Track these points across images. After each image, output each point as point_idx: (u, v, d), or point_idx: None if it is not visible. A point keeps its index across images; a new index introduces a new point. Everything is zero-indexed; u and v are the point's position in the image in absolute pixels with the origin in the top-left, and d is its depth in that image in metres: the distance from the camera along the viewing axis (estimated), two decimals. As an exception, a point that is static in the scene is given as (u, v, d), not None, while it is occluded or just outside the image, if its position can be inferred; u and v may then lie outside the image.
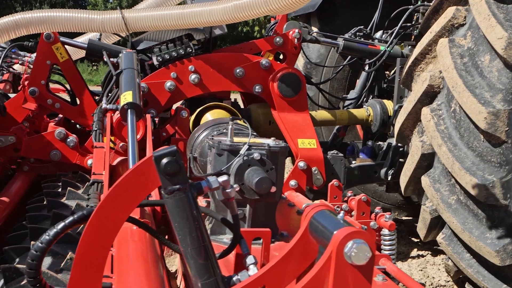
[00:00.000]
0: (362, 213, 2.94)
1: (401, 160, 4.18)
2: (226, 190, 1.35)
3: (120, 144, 3.25)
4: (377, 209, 3.01)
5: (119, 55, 3.41)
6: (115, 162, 3.31)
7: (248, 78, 3.60)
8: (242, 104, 4.35)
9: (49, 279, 1.97)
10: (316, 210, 1.23)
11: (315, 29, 4.67)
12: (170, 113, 3.94)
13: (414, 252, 5.02)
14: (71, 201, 2.91)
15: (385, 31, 4.90)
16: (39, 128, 4.07)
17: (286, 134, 3.53)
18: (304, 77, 3.68)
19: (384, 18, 4.90)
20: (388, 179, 4.21)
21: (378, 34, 4.93)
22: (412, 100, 3.45)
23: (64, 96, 4.00)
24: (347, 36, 4.65)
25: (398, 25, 4.51)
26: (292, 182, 3.37)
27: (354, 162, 4.36)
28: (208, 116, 3.63)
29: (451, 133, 3.21)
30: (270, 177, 2.18)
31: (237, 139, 2.33)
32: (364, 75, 4.96)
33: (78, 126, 4.26)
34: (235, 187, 2.12)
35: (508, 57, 2.97)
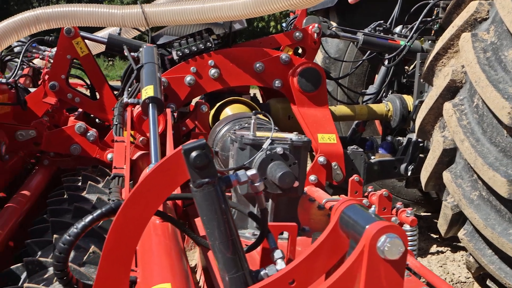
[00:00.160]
0: (384, 209, 2.92)
1: (421, 155, 4.14)
2: (255, 183, 1.34)
3: (140, 138, 3.25)
4: (398, 205, 2.99)
5: (139, 49, 3.41)
6: (135, 157, 3.32)
7: (268, 72, 3.59)
8: (261, 99, 4.34)
9: (72, 272, 1.98)
10: (346, 205, 1.21)
11: (334, 24, 4.64)
12: (189, 108, 3.95)
13: (434, 248, 4.99)
14: (91, 195, 2.92)
15: (405, 25, 4.86)
16: (59, 123, 4.10)
17: (305, 129, 3.51)
18: (324, 72, 3.66)
19: (404, 13, 4.86)
20: (408, 174, 4.18)
21: (398, 29, 4.89)
22: (433, 95, 3.42)
23: (82, 91, 4.02)
24: (366, 30, 4.62)
25: (418, 20, 4.47)
26: (312, 177, 3.36)
27: (373, 157, 4.33)
28: (228, 111, 3.63)
29: (474, 128, 3.17)
30: (292, 171, 2.17)
31: (260, 133, 2.32)
32: (384, 70, 4.93)
33: (97, 120, 4.27)
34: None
35: (532, 52, 2.93)
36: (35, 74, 5.09)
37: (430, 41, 4.55)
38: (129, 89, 3.28)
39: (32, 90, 3.97)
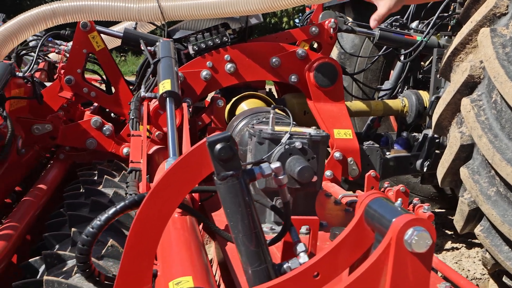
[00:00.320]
0: (400, 204, 2.90)
1: (437, 151, 4.13)
2: (279, 176, 1.33)
3: (156, 132, 3.25)
4: (415, 200, 2.96)
5: (155, 43, 3.41)
6: (150, 151, 3.32)
7: (284, 67, 3.57)
8: (276, 94, 4.33)
9: (92, 265, 1.98)
10: (371, 198, 1.21)
11: (349, 19, 4.62)
12: (204, 103, 3.94)
13: (449, 244, 4.97)
14: (108, 189, 2.92)
15: (421, 21, 4.84)
16: (74, 117, 4.11)
17: (321, 124, 3.50)
18: (341, 67, 3.64)
19: (421, 8, 4.83)
20: (424, 170, 4.16)
21: (414, 24, 4.87)
22: (451, 91, 3.40)
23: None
24: (382, 26, 4.59)
25: (435, 15, 4.45)
26: (328, 173, 3.35)
27: (388, 153, 4.31)
28: (244, 105, 3.62)
29: (492, 124, 3.15)
30: (311, 166, 2.16)
31: (278, 128, 2.31)
32: (400, 65, 4.91)
33: (112, 115, 4.28)
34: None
35: (552, 47, 2.91)
36: (50, 68, 5.10)
37: (446, 37, 4.53)
38: (146, 83, 3.28)
39: (47, 84, 3.98)
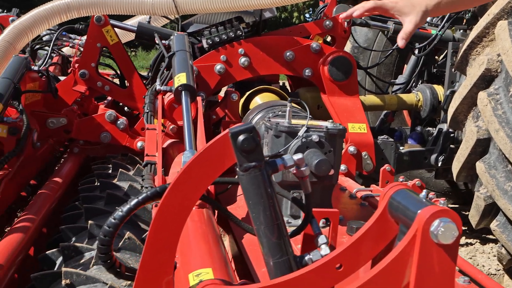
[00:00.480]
0: (416, 198, 2.88)
1: (452, 146, 4.11)
2: (301, 168, 1.33)
3: (170, 126, 3.25)
4: (431, 195, 2.96)
5: (170, 37, 3.41)
6: (165, 145, 3.31)
7: (298, 61, 3.56)
8: (289, 89, 4.31)
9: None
10: (395, 190, 1.19)
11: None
12: (217, 97, 3.94)
13: (463, 240, 4.95)
14: (122, 182, 2.93)
15: (436, 14, 4.80)
16: (87, 111, 4.12)
17: (336, 119, 3.48)
18: (355, 61, 3.62)
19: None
20: (439, 165, 4.13)
21: (429, 18, 4.84)
22: (467, 85, 3.37)
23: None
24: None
25: (449, 9, 4.41)
26: (342, 167, 3.33)
27: (402, 147, 4.30)
28: (258, 99, 3.61)
29: (509, 118, 3.13)
30: (328, 159, 2.15)
31: (295, 121, 2.30)
32: (414, 59, 4.88)
33: (126, 109, 4.29)
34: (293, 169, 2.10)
35: None
36: (64, 62, 5.12)
37: (461, 30, 4.50)
38: (161, 77, 3.28)
39: (61, 78, 3.99)
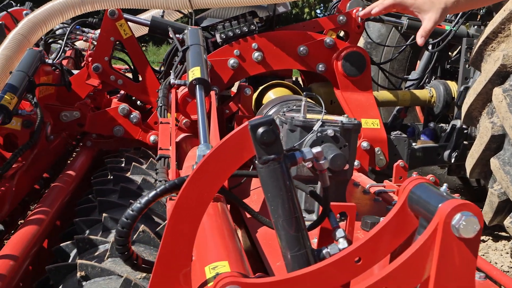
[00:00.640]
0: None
1: (465, 142, 4.09)
2: (319, 161, 1.32)
3: (183, 120, 3.25)
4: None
5: (183, 31, 3.41)
6: (178, 139, 3.31)
7: (311, 56, 3.54)
8: (302, 84, 4.30)
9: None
10: (415, 183, 1.19)
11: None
12: (230, 91, 3.93)
13: (475, 237, 4.92)
14: (135, 176, 2.94)
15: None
16: (100, 105, 4.13)
17: (349, 114, 3.46)
18: (369, 56, 3.61)
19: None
20: (452, 161, 4.12)
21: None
22: (482, 80, 3.35)
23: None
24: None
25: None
26: (355, 162, 3.32)
27: (414, 144, 4.28)
28: (271, 94, 3.60)
29: (524, 114, 3.11)
30: (343, 154, 2.14)
31: (310, 115, 2.30)
32: (427, 55, 4.86)
33: (138, 103, 4.29)
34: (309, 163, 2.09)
35: None
36: (77, 56, 5.13)
37: (476, 26, 4.48)
38: (175, 70, 3.28)
39: (75, 72, 4.00)
